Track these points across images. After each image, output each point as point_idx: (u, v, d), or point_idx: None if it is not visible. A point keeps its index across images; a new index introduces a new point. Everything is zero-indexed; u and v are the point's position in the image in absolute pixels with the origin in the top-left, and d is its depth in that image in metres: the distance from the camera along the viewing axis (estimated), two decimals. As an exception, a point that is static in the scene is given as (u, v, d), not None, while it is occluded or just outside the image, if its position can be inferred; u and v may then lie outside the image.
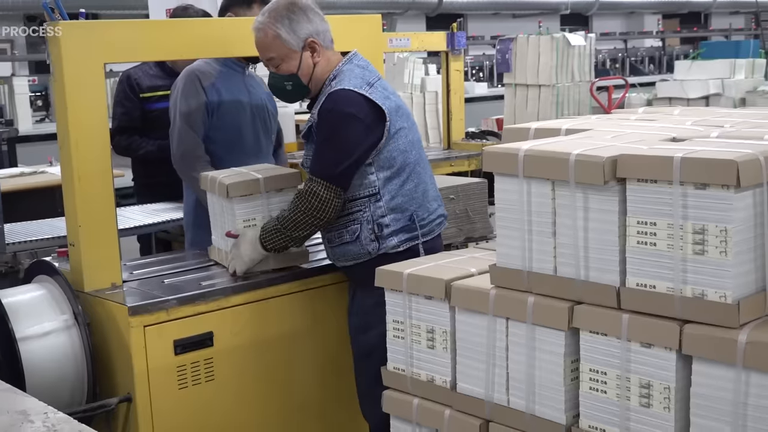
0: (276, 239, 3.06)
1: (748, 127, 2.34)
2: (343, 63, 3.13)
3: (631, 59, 20.02)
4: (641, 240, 2.00)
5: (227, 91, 3.93)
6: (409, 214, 3.04)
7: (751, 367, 1.85)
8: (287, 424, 3.31)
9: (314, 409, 3.30)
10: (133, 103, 4.79)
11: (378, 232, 2.98)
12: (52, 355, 2.98)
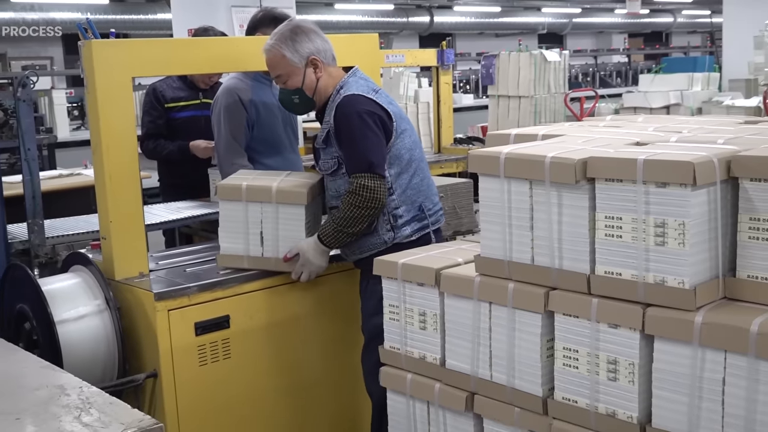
0: (337, 238, 2.99)
1: (704, 133, 2.35)
2: (347, 76, 3.15)
3: (601, 73, 20.02)
4: (608, 233, 2.01)
5: (262, 104, 4.01)
6: (418, 204, 3.07)
7: (706, 345, 1.86)
8: (296, 398, 3.32)
9: (320, 384, 3.30)
10: (158, 112, 4.79)
11: (393, 222, 3.00)
12: (86, 336, 2.98)
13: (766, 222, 1.88)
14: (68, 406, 2.06)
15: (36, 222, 3.72)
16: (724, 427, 1.86)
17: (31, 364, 2.44)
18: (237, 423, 3.19)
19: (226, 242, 3.16)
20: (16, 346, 2.74)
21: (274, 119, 4.03)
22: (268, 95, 4.06)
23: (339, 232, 2.97)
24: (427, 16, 18.21)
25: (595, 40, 24.59)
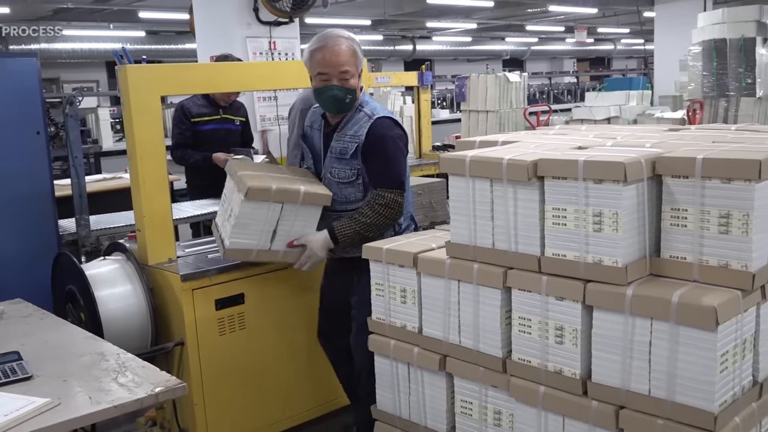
0: (352, 239, 2.80)
1: (634, 138, 2.34)
2: (363, 94, 2.96)
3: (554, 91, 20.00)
4: (555, 221, 2.00)
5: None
6: (410, 214, 3.02)
7: (635, 314, 1.86)
8: (298, 361, 3.33)
9: (317, 347, 3.28)
10: (185, 126, 4.77)
11: (397, 230, 2.90)
12: (123, 311, 2.97)
13: (685, 212, 1.87)
14: (107, 369, 2.06)
15: (83, 217, 3.71)
16: (651, 380, 1.86)
17: (78, 335, 2.44)
18: (250, 381, 3.19)
19: (238, 238, 2.80)
20: (65, 320, 2.74)
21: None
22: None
23: (357, 235, 2.79)
24: (411, 44, 18.20)
25: (549, 64, 24.61)
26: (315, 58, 2.79)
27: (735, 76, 7.90)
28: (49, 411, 1.78)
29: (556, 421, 2.06)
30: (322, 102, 2.90)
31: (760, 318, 1.92)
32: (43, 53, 12.57)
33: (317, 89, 2.84)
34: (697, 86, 8.24)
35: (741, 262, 1.80)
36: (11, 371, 2.02)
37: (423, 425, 2.45)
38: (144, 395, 1.86)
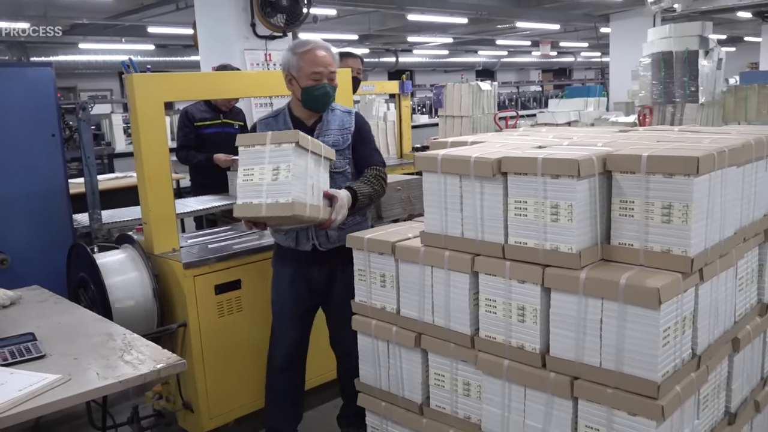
0: (364, 200, 2.71)
1: (588, 139, 2.33)
2: None
3: (522, 99, 20.08)
4: (517, 213, 1.99)
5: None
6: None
7: (588, 295, 1.85)
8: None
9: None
10: (189, 129, 4.74)
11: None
12: (131, 296, 2.94)
13: (632, 203, 1.87)
14: (114, 348, 2.04)
15: (95, 212, 3.67)
16: (602, 354, 1.85)
17: (88, 317, 2.41)
18: (247, 358, 3.18)
19: (297, 191, 2.38)
20: (78, 305, 2.71)
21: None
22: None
23: (369, 198, 2.73)
24: (394, 57, 18.17)
25: (517, 75, 24.68)
26: (306, 58, 2.68)
27: (680, 84, 7.95)
28: (60, 386, 1.76)
29: (518, 391, 2.05)
30: (313, 100, 2.72)
31: (698, 298, 1.93)
32: (61, 64, 12.47)
33: (308, 88, 2.69)
34: (647, 93, 8.28)
35: (681, 248, 1.80)
36: (26, 350, 1.99)
37: (401, 396, 2.44)
38: (147, 371, 1.84)
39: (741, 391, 2.30)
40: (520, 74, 24.76)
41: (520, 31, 16.14)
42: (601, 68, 21.36)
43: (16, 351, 1.98)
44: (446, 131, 11.04)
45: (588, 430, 1.91)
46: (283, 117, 2.83)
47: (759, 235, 2.29)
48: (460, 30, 15.46)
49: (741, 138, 2.12)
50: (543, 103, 19.09)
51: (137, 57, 12.37)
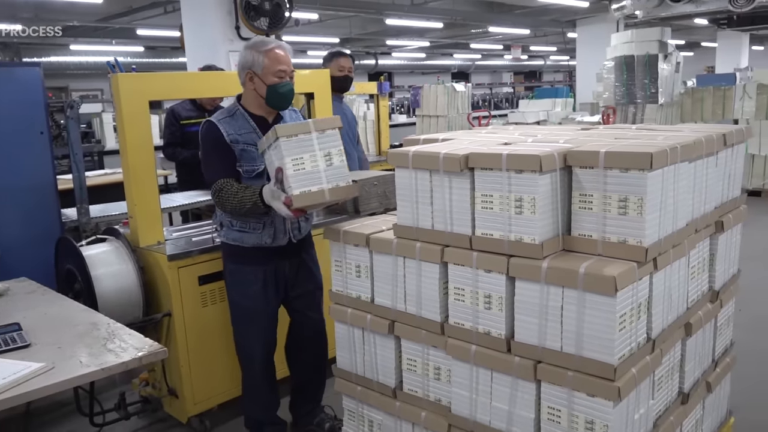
0: None
1: (551, 136, 2.33)
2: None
3: (494, 99, 20.16)
4: (484, 206, 1.98)
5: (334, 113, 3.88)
6: None
7: (550, 283, 1.85)
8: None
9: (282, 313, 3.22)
10: (175, 127, 4.68)
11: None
12: (117, 288, 2.90)
13: (591, 197, 1.88)
14: (98, 337, 2.00)
15: (83, 206, 3.61)
16: (563, 339, 1.86)
17: (74, 308, 2.37)
18: (229, 346, 3.13)
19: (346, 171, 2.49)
20: (66, 296, 2.66)
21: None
22: (337, 109, 3.96)
23: None
24: (374, 59, 18.11)
25: (491, 77, 24.75)
26: (271, 56, 2.58)
27: (641, 86, 8.03)
28: (44, 374, 1.73)
29: (485, 374, 2.05)
30: (279, 97, 2.63)
31: (652, 285, 1.94)
32: (53, 65, 12.26)
33: (274, 86, 2.60)
34: (610, 95, 8.35)
35: (636, 238, 1.81)
36: (11, 340, 1.95)
37: (376, 380, 2.44)
38: (129, 359, 1.81)
39: (693, 372, 2.33)
40: (493, 76, 24.83)
41: (492, 35, 16.18)
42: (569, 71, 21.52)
43: (1, 340, 1.94)
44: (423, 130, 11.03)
45: (550, 411, 1.92)
46: (242, 116, 2.67)
47: (710, 226, 2.32)
48: (436, 34, 15.45)
49: (693, 135, 2.13)
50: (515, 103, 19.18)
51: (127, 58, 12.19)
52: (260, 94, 2.64)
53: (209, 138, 2.61)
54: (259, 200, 2.48)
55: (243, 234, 2.68)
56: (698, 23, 14.35)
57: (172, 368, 3.06)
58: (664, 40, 8.13)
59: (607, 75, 8.35)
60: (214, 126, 2.62)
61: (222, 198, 2.57)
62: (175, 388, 3.08)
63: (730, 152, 2.41)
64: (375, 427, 2.50)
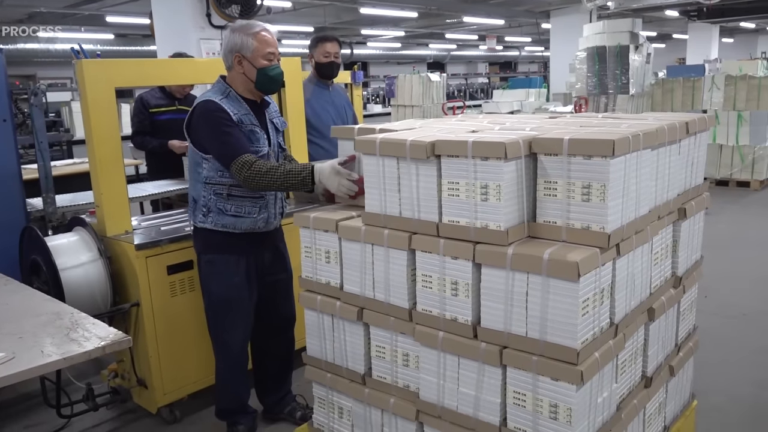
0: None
1: (519, 124, 2.35)
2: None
3: (470, 90, 20.22)
4: (450, 193, 1.99)
5: (317, 102, 3.91)
6: None
7: (515, 269, 1.87)
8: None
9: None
10: (144, 116, 4.61)
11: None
12: (84, 278, 2.87)
13: (555, 184, 1.89)
14: (61, 326, 1.97)
15: (49, 196, 3.54)
16: (527, 324, 1.88)
17: (37, 298, 2.33)
18: (199, 337, 3.12)
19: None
20: (31, 287, 2.61)
21: (325, 113, 3.87)
22: (324, 97, 3.98)
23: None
24: (348, 49, 17.99)
25: (466, 67, 24.80)
26: (261, 38, 2.55)
27: (613, 76, 8.11)
28: (4, 364, 1.69)
29: (452, 360, 2.07)
30: (269, 81, 2.60)
31: (615, 271, 1.97)
32: (20, 52, 11.98)
33: (264, 69, 2.56)
34: (582, 85, 8.43)
35: (599, 224, 1.84)
36: (-29, 330, 1.91)
37: (345, 367, 2.44)
38: (92, 348, 1.78)
39: (656, 356, 2.38)
40: (468, 67, 24.90)
41: (467, 25, 16.21)
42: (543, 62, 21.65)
43: (-40, 331, 1.90)
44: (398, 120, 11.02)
45: (515, 395, 1.94)
46: (235, 97, 2.62)
47: (672, 213, 2.36)
48: (411, 24, 15.43)
49: (656, 123, 2.17)
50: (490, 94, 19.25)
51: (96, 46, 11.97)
52: (249, 77, 2.59)
53: (218, 114, 2.51)
54: (309, 176, 2.46)
55: (237, 219, 2.64)
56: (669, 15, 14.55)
57: (141, 359, 3.03)
58: (636, 31, 8.22)
59: (579, 65, 8.42)
60: (218, 104, 2.55)
61: (255, 172, 2.46)
62: (145, 379, 3.06)
63: (693, 140, 2.45)
64: (345, 414, 2.50)
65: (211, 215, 2.63)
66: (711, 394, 3.16)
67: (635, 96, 8.24)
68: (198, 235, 2.70)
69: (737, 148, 8.67)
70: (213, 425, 3.04)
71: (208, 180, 2.60)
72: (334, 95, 4.13)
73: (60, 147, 8.28)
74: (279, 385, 3.03)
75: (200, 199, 2.64)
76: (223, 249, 2.67)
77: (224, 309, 2.74)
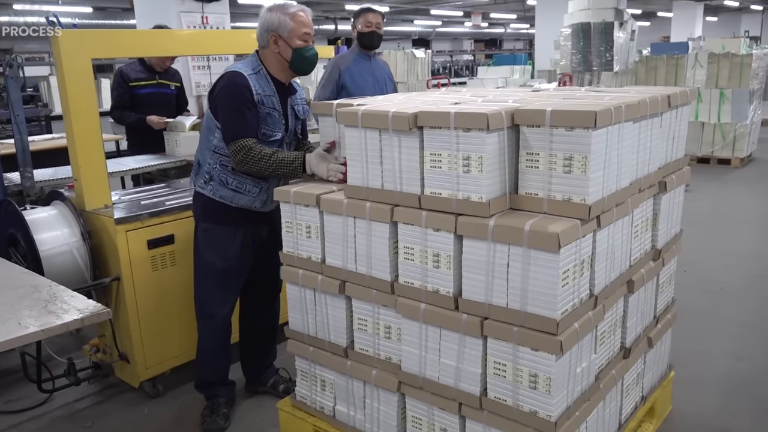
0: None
1: (502, 97, 2.34)
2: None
3: (455, 67, 20.11)
4: (432, 165, 1.98)
5: (357, 72, 3.95)
6: None
7: (496, 241, 1.87)
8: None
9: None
10: (123, 89, 4.52)
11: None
12: (62, 251, 2.82)
13: (537, 155, 1.89)
14: (38, 299, 1.95)
15: (27, 170, 3.49)
16: (508, 295, 1.89)
17: (15, 271, 2.30)
18: (181, 311, 3.11)
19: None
20: (9, 261, 2.57)
21: (363, 82, 3.90)
22: (365, 68, 4.00)
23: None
24: (333, 24, 17.84)
25: (451, 44, 24.65)
26: (298, 18, 2.52)
27: (597, 53, 8.10)
28: (-20, 336, 1.67)
29: (434, 332, 2.08)
30: (305, 62, 2.57)
31: (595, 243, 1.98)
32: (-5, 25, 11.66)
33: (300, 49, 2.53)
34: (567, 62, 8.41)
35: (580, 196, 1.84)
36: (-54, 303, 1.88)
37: (327, 340, 2.45)
38: (70, 320, 1.76)
39: (635, 328, 2.41)
40: (454, 44, 24.76)
41: (453, 1, 16.06)
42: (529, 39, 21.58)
43: (-64, 304, 1.87)
44: (383, 97, 10.94)
45: (496, 365, 1.96)
46: (265, 77, 2.58)
47: (653, 186, 2.37)
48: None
49: (638, 96, 2.17)
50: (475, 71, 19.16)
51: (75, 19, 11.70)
52: (285, 57, 2.56)
53: (240, 90, 2.48)
54: (300, 165, 2.48)
55: (236, 194, 2.62)
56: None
57: (123, 333, 3.01)
58: (620, 7, 8.20)
59: (564, 42, 8.39)
60: (245, 79, 2.50)
61: (250, 157, 2.47)
62: (126, 353, 3.04)
63: (675, 114, 2.46)
64: (327, 387, 2.52)
65: (212, 184, 2.62)
66: (688, 365, 3.22)
67: (619, 73, 8.25)
68: (197, 200, 2.70)
69: (719, 126, 8.74)
70: (195, 399, 3.05)
71: (217, 149, 2.58)
72: (375, 67, 4.12)
73: (38, 122, 8.14)
74: (264, 354, 3.04)
75: (205, 165, 2.63)
76: (219, 219, 2.67)
77: (212, 279, 2.73)
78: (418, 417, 2.22)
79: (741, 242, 5.49)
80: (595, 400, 2.12)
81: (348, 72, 3.96)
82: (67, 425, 2.93)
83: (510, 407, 1.95)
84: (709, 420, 2.81)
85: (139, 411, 3.01)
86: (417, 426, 2.24)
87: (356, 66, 4.00)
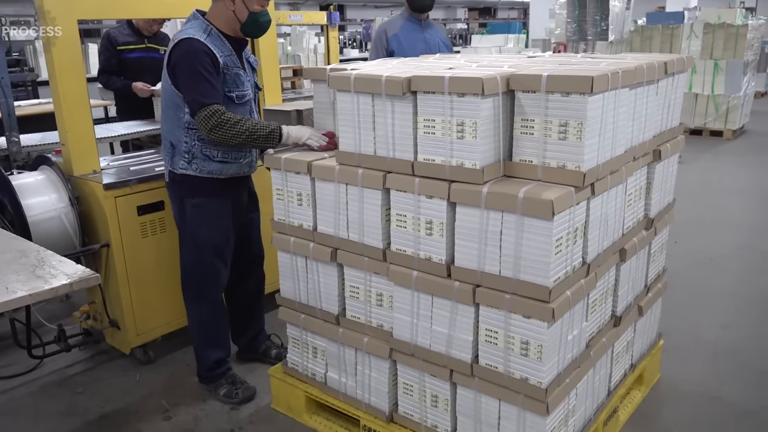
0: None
1: (497, 63, 2.30)
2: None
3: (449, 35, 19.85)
4: (426, 131, 1.95)
5: (405, 37, 3.83)
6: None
7: (490, 208, 1.86)
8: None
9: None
10: (110, 53, 4.43)
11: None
12: (51, 217, 2.78)
13: (532, 122, 1.86)
14: (26, 264, 1.92)
15: (13, 134, 3.41)
16: (501, 263, 1.89)
17: (2, 236, 2.25)
18: (171, 278, 3.08)
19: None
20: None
21: (413, 50, 3.73)
22: (414, 32, 3.87)
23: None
24: (325, -10, 17.50)
25: (445, 12, 24.29)
26: None
27: (593, 22, 8.01)
28: (-33, 301, 1.65)
29: (426, 299, 2.08)
30: (258, 27, 2.51)
31: (589, 210, 1.97)
32: (-22, -13, 11.37)
33: (256, 14, 2.47)
34: (562, 31, 8.32)
35: (575, 163, 1.82)
36: (-68, 268, 1.85)
37: (319, 308, 2.44)
38: (58, 284, 1.74)
39: (626, 296, 2.41)
40: (447, 12, 24.37)
41: (447, -32, 15.78)
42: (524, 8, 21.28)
43: None
44: (375, 65, 10.83)
45: (488, 333, 1.96)
46: (218, 36, 2.48)
47: (648, 155, 2.35)
48: (390, -35, 14.97)
49: (635, 63, 2.13)
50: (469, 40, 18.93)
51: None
52: (239, 18, 2.47)
53: (199, 56, 2.36)
54: (277, 129, 2.42)
55: (224, 165, 2.55)
56: (651, -39, 14.31)
57: (113, 300, 2.99)
58: (617, -25, 8.08)
59: (559, 11, 8.29)
60: (202, 44, 2.39)
61: (223, 122, 2.34)
62: (117, 320, 3.03)
63: (671, 81, 2.43)
64: (319, 354, 2.52)
65: (196, 161, 2.51)
66: (677, 334, 3.25)
67: (614, 43, 8.17)
68: (181, 181, 2.56)
69: (712, 98, 8.70)
70: (187, 366, 3.05)
71: (191, 125, 2.46)
72: (427, 31, 3.92)
73: (25, 87, 8.00)
74: (254, 322, 3.03)
75: (181, 145, 2.50)
76: (209, 192, 2.58)
77: (209, 252, 2.65)
78: (409, 384, 2.23)
79: (731, 214, 5.50)
80: (585, 367, 2.13)
81: (395, 39, 3.80)
82: (58, 391, 2.93)
83: (501, 374, 1.95)
84: (697, 387, 2.84)
85: (131, 377, 3.01)
86: (408, 393, 2.25)
87: (404, 32, 3.83)
